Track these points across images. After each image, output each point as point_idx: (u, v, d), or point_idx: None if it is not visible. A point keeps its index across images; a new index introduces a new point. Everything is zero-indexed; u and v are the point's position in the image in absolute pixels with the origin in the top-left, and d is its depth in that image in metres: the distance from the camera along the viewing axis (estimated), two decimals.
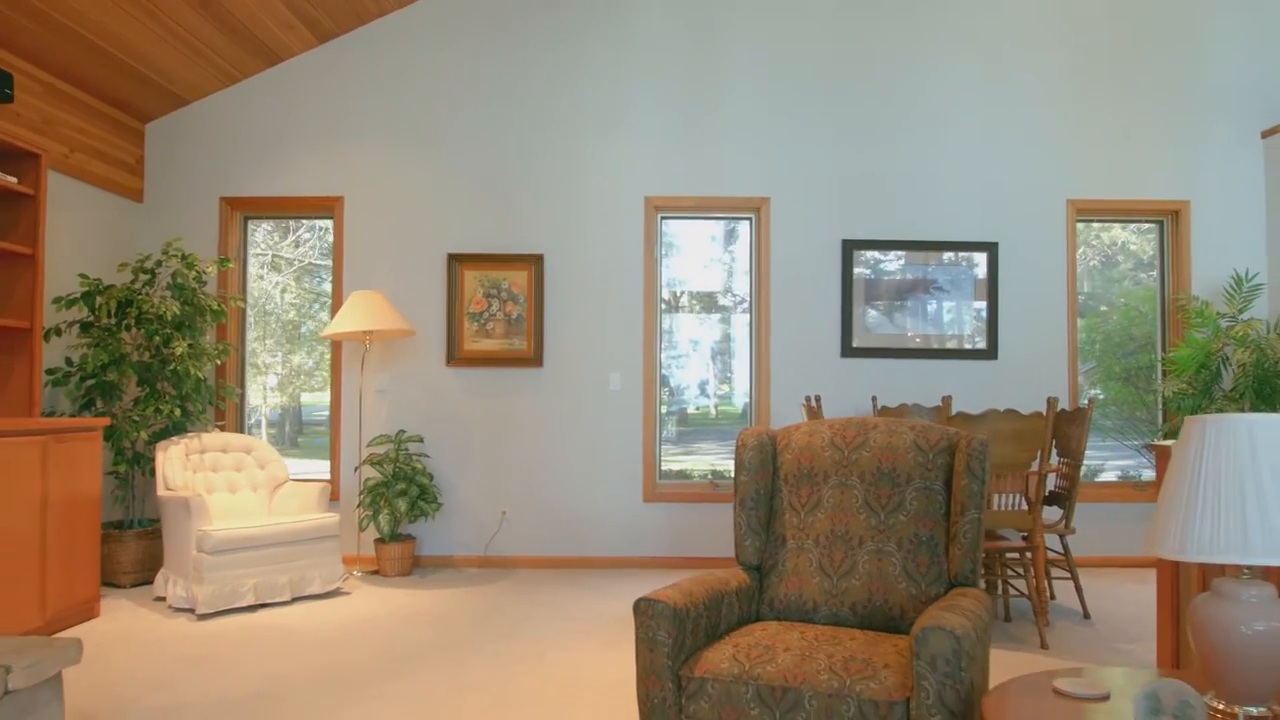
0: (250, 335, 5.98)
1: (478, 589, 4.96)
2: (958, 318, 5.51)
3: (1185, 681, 1.76)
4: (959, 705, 1.84)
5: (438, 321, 5.64)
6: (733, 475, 3.66)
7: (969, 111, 5.67)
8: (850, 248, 5.45)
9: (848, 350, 5.45)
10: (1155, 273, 5.80)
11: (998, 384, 5.51)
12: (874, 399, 4.97)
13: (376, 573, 5.33)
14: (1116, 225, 5.92)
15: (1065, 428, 4.42)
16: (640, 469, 5.56)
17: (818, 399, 4.45)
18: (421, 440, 5.52)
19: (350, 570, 5.36)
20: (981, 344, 5.48)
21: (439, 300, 5.65)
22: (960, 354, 5.46)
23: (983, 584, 2.54)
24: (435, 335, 5.64)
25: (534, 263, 5.61)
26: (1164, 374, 5.52)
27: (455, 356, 5.59)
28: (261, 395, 6.18)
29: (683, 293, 5.86)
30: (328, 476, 5.71)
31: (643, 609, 2.17)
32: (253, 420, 6.08)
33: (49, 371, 4.84)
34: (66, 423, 4.11)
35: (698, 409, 5.96)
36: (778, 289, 5.60)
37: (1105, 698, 1.80)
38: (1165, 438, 5.62)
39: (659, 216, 5.73)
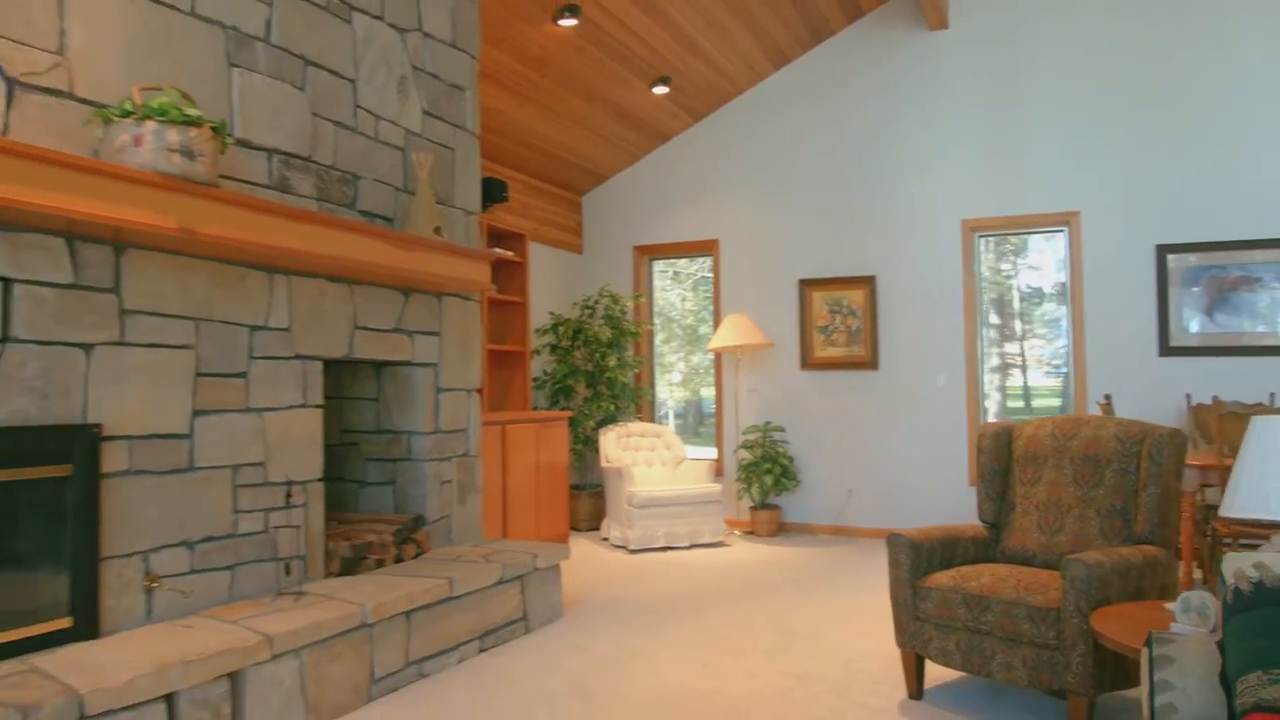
0: (658, 339, 7.91)
1: (826, 549, 6.27)
2: None
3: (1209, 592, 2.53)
4: (1089, 611, 2.75)
5: (792, 333, 7.03)
6: None
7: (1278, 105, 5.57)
8: (1164, 251, 5.73)
9: (1165, 349, 5.72)
10: None
11: None
12: (1188, 396, 5.29)
13: (751, 533, 6.89)
14: None
15: None
16: (965, 455, 6.40)
17: (1108, 398, 4.97)
18: (783, 430, 6.96)
19: (730, 529, 6.99)
20: None
21: (793, 317, 7.03)
22: None
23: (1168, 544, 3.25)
24: (790, 345, 7.04)
25: (868, 283, 6.73)
26: None
27: (807, 362, 6.94)
28: (668, 390, 7.97)
29: (1040, 285, 6.54)
30: (714, 456, 7.41)
31: (891, 540, 3.33)
32: (660, 413, 8.01)
33: (533, 380, 7.14)
34: (547, 414, 6.24)
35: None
36: (1091, 295, 6.04)
37: None
38: None
39: (975, 236, 6.50)
